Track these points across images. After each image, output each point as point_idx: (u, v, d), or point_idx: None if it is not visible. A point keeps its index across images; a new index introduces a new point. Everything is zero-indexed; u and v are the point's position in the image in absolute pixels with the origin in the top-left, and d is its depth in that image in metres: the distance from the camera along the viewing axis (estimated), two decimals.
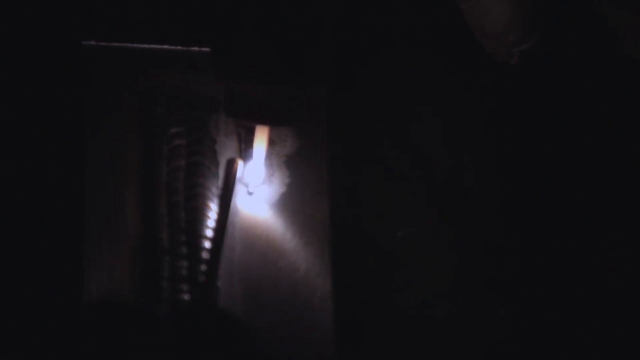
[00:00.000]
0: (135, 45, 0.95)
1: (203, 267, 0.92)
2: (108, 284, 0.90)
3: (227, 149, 0.95)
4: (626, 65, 0.86)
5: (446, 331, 0.97)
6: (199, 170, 0.94)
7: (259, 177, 0.94)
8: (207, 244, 0.92)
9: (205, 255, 0.92)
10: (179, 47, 0.95)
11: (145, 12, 0.97)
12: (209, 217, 0.93)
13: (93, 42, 0.94)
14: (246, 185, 0.94)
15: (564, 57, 0.95)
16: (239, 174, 0.93)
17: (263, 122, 0.87)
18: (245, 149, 0.94)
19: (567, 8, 0.79)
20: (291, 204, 0.95)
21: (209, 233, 0.92)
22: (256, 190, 0.94)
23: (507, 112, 1.01)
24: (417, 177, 1.00)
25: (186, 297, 0.91)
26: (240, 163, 0.93)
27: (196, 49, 0.95)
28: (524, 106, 1.01)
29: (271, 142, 0.95)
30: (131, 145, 0.94)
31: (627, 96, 0.99)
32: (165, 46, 0.95)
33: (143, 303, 0.90)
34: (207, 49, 0.93)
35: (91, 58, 0.94)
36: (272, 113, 0.84)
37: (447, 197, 0.99)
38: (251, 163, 0.93)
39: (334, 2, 0.82)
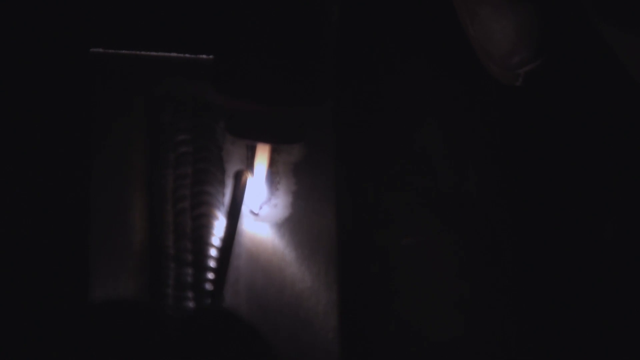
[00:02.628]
0: (142, 52, 0.95)
1: (209, 275, 0.92)
2: (113, 290, 0.91)
3: (234, 156, 0.95)
4: (625, 75, 0.85)
5: (452, 340, 0.97)
6: (206, 177, 0.94)
7: (261, 196, 0.93)
8: (213, 252, 0.92)
9: (211, 262, 0.92)
10: (187, 55, 0.95)
11: (153, 20, 0.97)
12: (215, 225, 0.93)
13: (100, 50, 0.94)
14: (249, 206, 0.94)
15: (567, 66, 0.95)
16: (247, 186, 0.93)
17: (264, 140, 0.86)
18: (251, 157, 0.94)
19: (572, 29, 0.79)
20: (297, 212, 0.95)
21: (216, 241, 0.93)
22: (259, 210, 0.94)
23: (509, 118, 1.01)
24: (422, 185, 1.00)
25: (191, 304, 0.91)
26: (248, 175, 0.93)
27: (204, 56, 0.95)
28: (526, 112, 1.01)
29: (278, 150, 0.95)
30: (137, 152, 0.94)
31: (627, 97, 0.98)
32: (173, 54, 0.95)
33: (148, 310, 0.91)
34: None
35: (98, 65, 0.94)
36: (273, 131, 0.83)
37: (451, 205, 0.99)
38: (253, 181, 0.93)
39: (338, 12, 0.81)
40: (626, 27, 0.76)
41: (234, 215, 0.92)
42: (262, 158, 0.91)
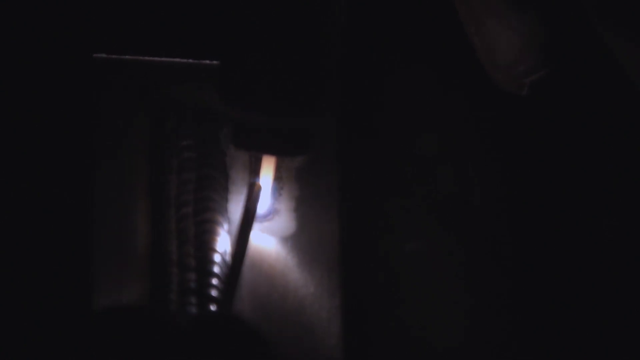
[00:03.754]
0: (146, 58, 0.95)
1: (212, 280, 0.92)
2: (116, 295, 0.91)
3: (237, 162, 0.95)
4: (625, 77, 0.86)
5: (454, 344, 0.97)
6: (209, 183, 0.94)
7: (265, 207, 0.93)
8: (216, 257, 0.92)
9: (215, 268, 0.92)
10: (190, 60, 0.95)
11: (156, 25, 0.97)
12: (218, 231, 0.93)
13: (104, 55, 0.94)
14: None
15: (569, 72, 0.95)
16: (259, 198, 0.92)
17: (271, 152, 0.86)
18: (255, 163, 0.94)
19: (578, 38, 0.79)
20: (300, 217, 0.95)
21: (219, 246, 0.93)
22: (263, 221, 0.94)
23: (508, 122, 1.01)
24: (424, 190, 1.00)
25: (194, 309, 0.91)
26: (260, 187, 0.92)
27: (207, 61, 0.95)
28: (525, 115, 1.01)
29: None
30: (141, 157, 0.94)
31: (626, 99, 0.98)
32: (177, 59, 0.95)
33: (151, 315, 0.91)
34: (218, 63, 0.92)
35: (102, 71, 0.94)
36: (280, 143, 0.84)
37: (453, 209, 0.99)
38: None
39: (342, 24, 0.81)
40: (626, 30, 0.77)
41: (246, 227, 0.91)
42: (267, 169, 0.90)
